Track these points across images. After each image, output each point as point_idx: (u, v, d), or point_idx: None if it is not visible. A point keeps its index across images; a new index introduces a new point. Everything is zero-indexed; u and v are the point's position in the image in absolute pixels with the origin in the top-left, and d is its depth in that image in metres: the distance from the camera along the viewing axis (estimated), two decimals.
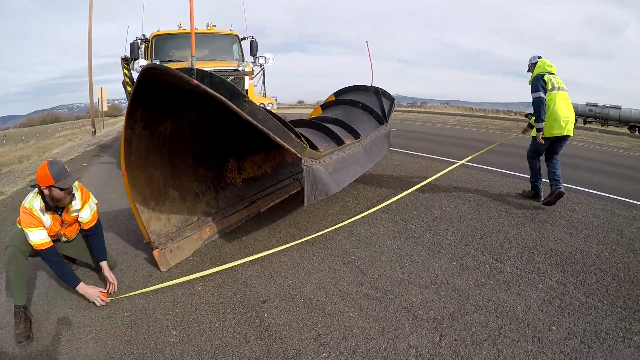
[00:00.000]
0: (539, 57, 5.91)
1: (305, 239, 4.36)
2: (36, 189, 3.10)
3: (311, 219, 5.15)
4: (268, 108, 8.52)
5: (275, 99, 10.36)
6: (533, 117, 5.73)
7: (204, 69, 7.64)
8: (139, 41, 9.28)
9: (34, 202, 3.03)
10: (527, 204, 5.88)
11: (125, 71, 11.35)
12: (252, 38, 10.12)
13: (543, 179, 6.01)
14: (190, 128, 4.06)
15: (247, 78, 8.50)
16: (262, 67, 9.73)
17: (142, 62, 8.40)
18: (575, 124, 6.28)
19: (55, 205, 3.14)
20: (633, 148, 17.24)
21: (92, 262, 3.66)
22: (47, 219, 3.10)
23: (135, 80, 7.05)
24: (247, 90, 8.48)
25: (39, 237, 3.01)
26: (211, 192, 4.74)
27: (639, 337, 2.81)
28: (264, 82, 10.02)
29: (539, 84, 5.51)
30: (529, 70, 6.03)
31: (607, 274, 3.78)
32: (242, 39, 10.14)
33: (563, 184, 5.63)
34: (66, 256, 3.66)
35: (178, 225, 4.17)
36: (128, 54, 10.35)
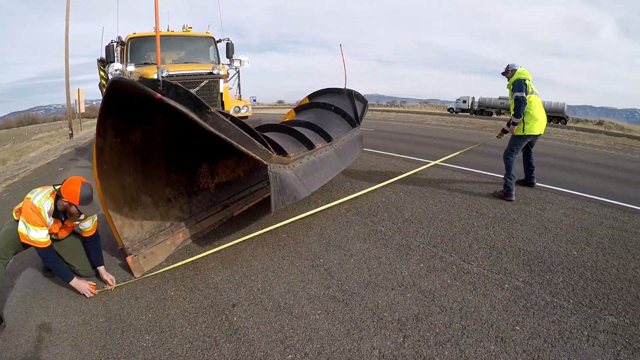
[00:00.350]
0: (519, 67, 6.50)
1: (272, 239, 4.47)
2: (51, 190, 3.23)
3: (281, 221, 5.24)
4: (243, 111, 8.61)
5: (254, 100, 10.40)
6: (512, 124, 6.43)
7: (180, 72, 7.67)
8: (115, 44, 9.24)
9: (44, 203, 3.14)
10: (498, 204, 6.09)
11: (102, 73, 11.28)
12: (228, 40, 10.15)
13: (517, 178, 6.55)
14: (161, 135, 4.12)
15: (222, 81, 8.56)
16: (238, 69, 9.76)
17: (117, 65, 8.37)
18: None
19: (64, 212, 3.27)
20: (608, 146, 17.77)
21: (74, 264, 3.71)
22: (50, 220, 3.21)
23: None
24: (222, 93, 8.53)
25: (40, 236, 3.12)
26: (184, 197, 4.80)
27: (604, 335, 2.95)
28: (239, 84, 10.06)
29: (522, 85, 6.12)
30: (505, 74, 6.58)
31: (574, 273, 3.94)
32: (218, 41, 10.17)
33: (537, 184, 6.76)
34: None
35: (151, 231, 4.23)
36: (104, 56, 10.33)
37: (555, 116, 42.36)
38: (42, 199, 3.13)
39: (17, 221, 3.22)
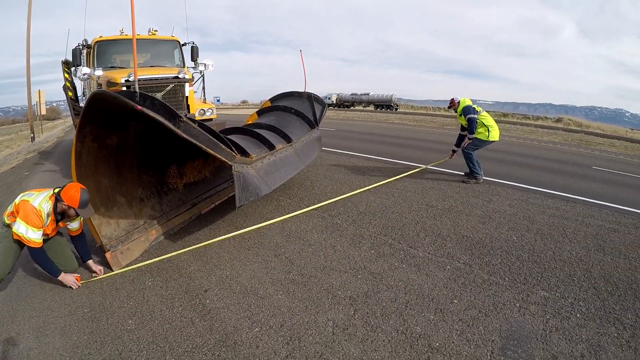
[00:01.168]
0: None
1: (240, 231, 4.93)
2: (50, 194, 3.58)
3: (247, 218, 5.69)
4: (208, 114, 8.92)
5: (218, 99, 10.62)
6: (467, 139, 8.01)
7: (147, 76, 7.88)
8: (81, 47, 9.34)
9: (44, 205, 3.49)
10: (447, 198, 6.79)
11: (66, 75, 11.26)
12: (193, 44, 10.35)
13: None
14: (134, 139, 4.50)
15: (187, 84, 8.82)
16: (202, 73, 10.01)
17: (85, 69, 8.51)
18: None
19: (61, 214, 3.64)
20: (564, 142, 18.89)
21: (60, 262, 3.93)
22: (47, 221, 3.56)
23: (81, 93, 7.14)
24: (187, 96, 8.80)
25: (36, 236, 3.47)
26: (155, 197, 5.17)
27: (535, 306, 3.54)
28: (203, 87, 10.31)
29: (471, 109, 7.70)
30: (451, 106, 8.12)
31: (512, 255, 4.58)
32: (183, 45, 10.38)
33: (484, 177, 7.99)
34: None
35: (127, 228, 4.59)
36: (69, 58, 10.37)
37: (385, 105, 52.73)
38: (42, 201, 3.47)
39: (8, 226, 3.55)
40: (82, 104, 10.67)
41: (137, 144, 4.61)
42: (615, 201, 7.24)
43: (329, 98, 60.57)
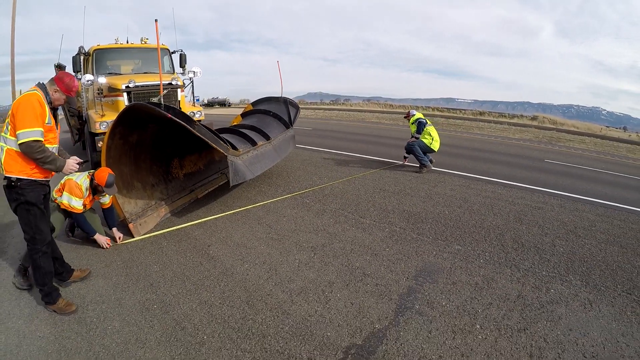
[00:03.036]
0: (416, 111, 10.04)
1: (232, 211, 6.37)
2: (87, 174, 4.84)
3: (236, 201, 7.12)
4: (197, 116, 10.25)
5: (197, 99, 11.64)
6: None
7: (144, 83, 9.13)
8: (80, 55, 10.32)
9: (83, 181, 4.75)
10: (400, 183, 8.36)
11: None
12: (182, 51, 11.48)
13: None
14: (150, 137, 5.89)
15: (179, 90, 10.01)
16: (192, 80, 11.02)
17: (89, 76, 9.34)
18: None
19: (95, 189, 4.90)
20: (533, 139, 20.45)
21: (94, 228, 5.16)
22: (86, 194, 4.82)
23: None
24: (179, 100, 10.01)
25: (78, 204, 4.74)
26: (162, 183, 6.55)
27: (448, 254, 4.97)
28: (193, 92, 11.45)
29: (422, 120, 9.78)
30: (407, 117, 10.15)
31: (440, 223, 6.05)
32: (172, 52, 11.50)
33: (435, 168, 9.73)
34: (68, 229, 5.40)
35: (142, 207, 5.96)
36: (62, 62, 11.47)
37: (220, 103, 59.55)
38: (82, 179, 4.78)
39: (55, 200, 4.85)
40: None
41: (151, 141, 5.99)
42: (551, 187, 8.78)
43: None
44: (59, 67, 12.12)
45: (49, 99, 3.63)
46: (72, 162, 3.90)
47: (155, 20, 4.95)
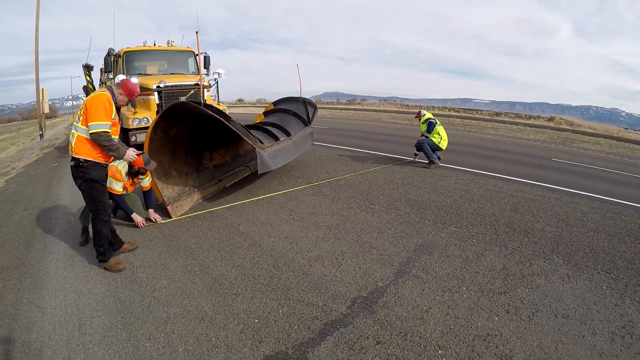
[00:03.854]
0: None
1: (257, 198, 7.17)
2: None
3: (259, 189, 7.92)
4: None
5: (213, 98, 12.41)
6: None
7: (174, 83, 10.08)
8: (112, 56, 11.22)
9: (124, 167, 5.47)
10: (408, 177, 9.05)
11: (88, 78, 13.13)
12: (205, 54, 12.30)
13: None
14: (187, 132, 6.70)
15: (205, 89, 10.81)
16: (217, 80, 11.85)
17: (121, 76, 10.22)
18: None
19: (135, 174, 5.65)
20: (548, 140, 20.71)
21: (133, 210, 5.95)
22: (126, 178, 5.58)
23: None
24: (205, 99, 10.79)
25: (119, 187, 5.48)
26: (195, 173, 7.36)
27: (445, 234, 5.65)
28: (217, 92, 12.25)
29: (432, 119, 10.19)
30: (418, 117, 10.79)
31: (441, 210, 6.74)
32: (196, 55, 12.23)
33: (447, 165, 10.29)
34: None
35: (178, 192, 6.77)
36: (90, 63, 12.50)
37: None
38: (122, 165, 5.43)
39: None
40: None
41: (187, 135, 6.81)
42: (552, 182, 9.31)
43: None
44: (87, 67, 13.18)
45: (114, 99, 4.41)
46: (132, 152, 4.72)
47: (196, 32, 5.73)
